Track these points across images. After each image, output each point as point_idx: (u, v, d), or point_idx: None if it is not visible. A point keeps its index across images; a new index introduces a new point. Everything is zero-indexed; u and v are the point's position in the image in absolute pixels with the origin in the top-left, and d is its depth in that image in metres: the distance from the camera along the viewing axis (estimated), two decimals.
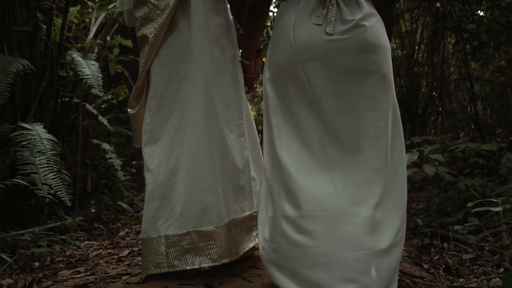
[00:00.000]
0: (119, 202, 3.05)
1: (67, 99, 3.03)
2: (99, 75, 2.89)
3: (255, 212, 1.60)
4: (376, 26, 1.30)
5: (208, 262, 1.44)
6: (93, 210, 3.72)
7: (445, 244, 2.45)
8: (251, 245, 1.61)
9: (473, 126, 6.11)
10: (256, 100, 8.39)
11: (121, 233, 2.66)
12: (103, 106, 3.95)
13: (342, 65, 1.26)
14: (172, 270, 1.44)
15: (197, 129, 1.48)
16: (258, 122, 6.77)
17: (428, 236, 2.61)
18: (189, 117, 1.49)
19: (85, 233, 2.80)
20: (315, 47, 1.27)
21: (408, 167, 2.78)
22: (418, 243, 2.39)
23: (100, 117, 2.95)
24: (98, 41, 3.29)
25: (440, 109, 7.03)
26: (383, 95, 1.29)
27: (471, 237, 2.42)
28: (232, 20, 1.65)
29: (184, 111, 1.50)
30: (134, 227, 2.84)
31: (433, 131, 7.83)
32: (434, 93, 6.47)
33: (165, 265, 1.45)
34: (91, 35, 3.16)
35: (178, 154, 1.49)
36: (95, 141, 3.08)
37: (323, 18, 1.27)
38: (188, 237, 1.45)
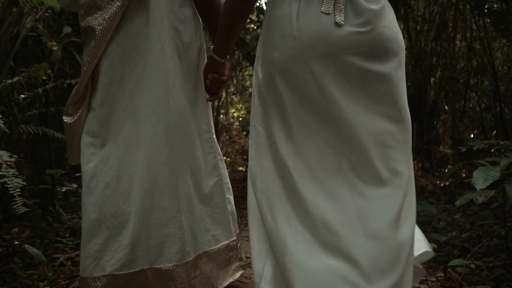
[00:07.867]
0: (25, 245, 1.93)
1: None
2: None
3: (233, 241, 1.51)
4: (394, 18, 1.13)
5: None
6: (16, 243, 2.62)
7: None
8: (226, 282, 1.49)
9: (480, 128, 5.25)
10: (247, 96, 7.43)
11: None
12: (22, 96, 2.83)
13: (354, 63, 1.06)
14: None
15: (155, 146, 1.28)
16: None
17: None
18: (145, 131, 1.28)
19: None
20: (325, 41, 1.06)
21: (485, 188, 1.77)
22: None
23: None
24: None
25: (446, 107, 6.28)
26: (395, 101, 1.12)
27: None
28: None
29: (137, 123, 1.28)
30: None
31: (441, 131, 7.04)
32: (446, 86, 5.60)
33: None
34: None
35: (130, 175, 1.29)
36: None
37: (332, 4, 1.05)
38: (141, 276, 1.27)
